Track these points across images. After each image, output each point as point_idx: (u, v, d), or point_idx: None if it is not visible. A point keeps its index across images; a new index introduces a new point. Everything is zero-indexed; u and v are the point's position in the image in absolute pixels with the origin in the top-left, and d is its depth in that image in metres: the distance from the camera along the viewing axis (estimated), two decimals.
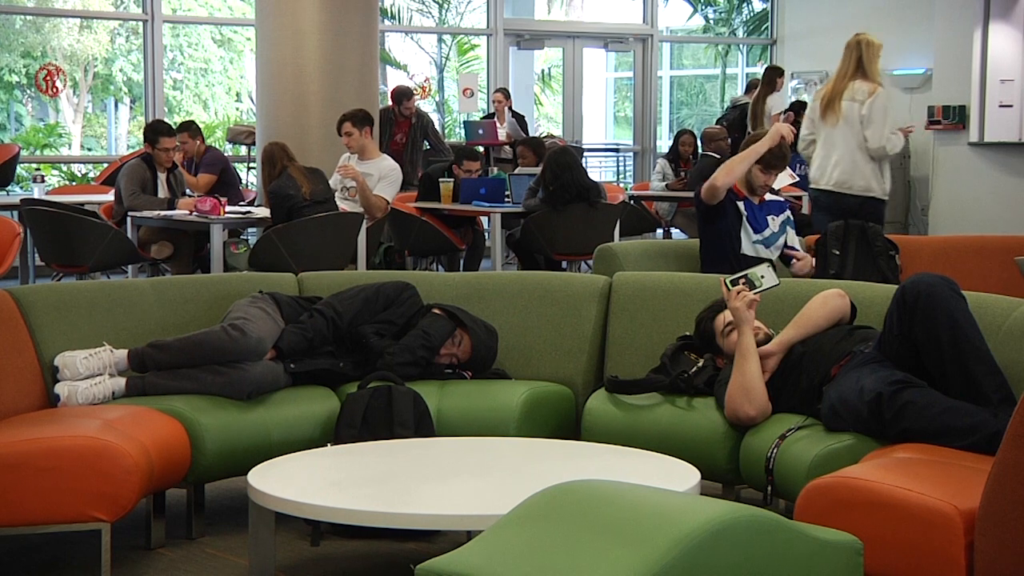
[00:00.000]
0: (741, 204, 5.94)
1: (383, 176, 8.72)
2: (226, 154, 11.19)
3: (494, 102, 13.07)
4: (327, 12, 9.85)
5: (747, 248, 5.89)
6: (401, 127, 11.86)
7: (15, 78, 16.30)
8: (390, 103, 11.86)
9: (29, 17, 16.12)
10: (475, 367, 4.94)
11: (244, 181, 11.62)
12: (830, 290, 4.42)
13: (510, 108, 12.94)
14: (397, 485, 3.85)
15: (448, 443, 4.32)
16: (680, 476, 3.78)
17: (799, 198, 11.09)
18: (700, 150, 11.64)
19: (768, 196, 6.06)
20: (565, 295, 5.14)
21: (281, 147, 8.12)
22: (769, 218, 5.99)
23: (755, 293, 4.34)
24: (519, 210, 9.30)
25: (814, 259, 6.13)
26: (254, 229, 8.73)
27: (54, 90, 13.21)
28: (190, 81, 17.69)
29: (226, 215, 8.18)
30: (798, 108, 13.57)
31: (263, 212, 8.54)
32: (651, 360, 4.67)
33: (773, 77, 12.56)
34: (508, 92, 13.15)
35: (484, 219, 10.04)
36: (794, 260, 6.00)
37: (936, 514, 3.08)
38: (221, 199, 8.31)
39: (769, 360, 4.26)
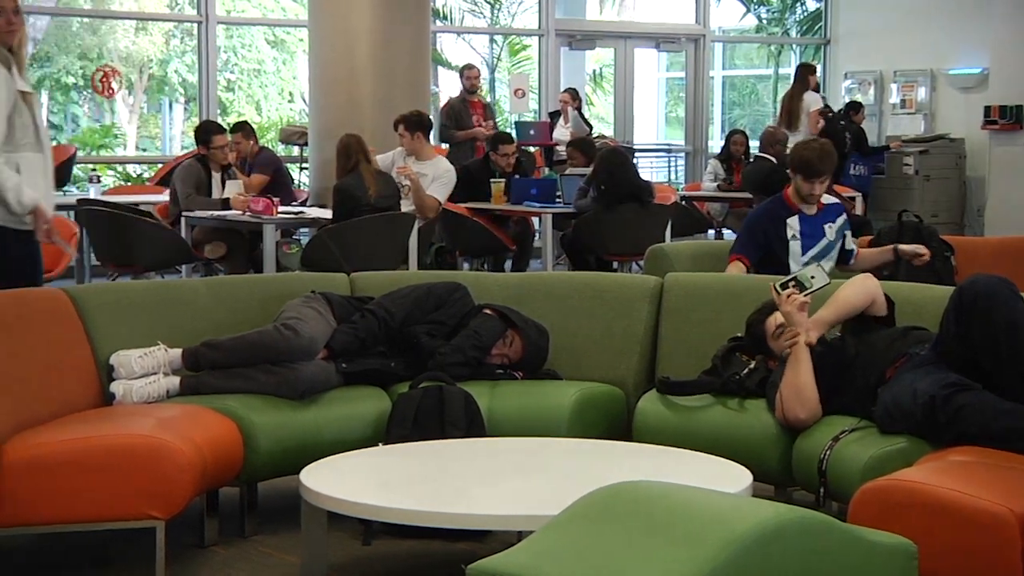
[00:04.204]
0: (794, 219, 5.74)
1: (437, 177, 8.76)
2: (279, 155, 11.27)
3: (560, 102, 13.10)
4: (380, 13, 9.88)
5: (796, 270, 5.51)
6: (476, 109, 11.84)
7: (72, 80, 16.48)
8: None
9: (86, 19, 16.29)
10: (526, 367, 4.94)
11: (296, 182, 11.68)
12: (860, 275, 4.47)
13: (577, 108, 12.95)
14: (448, 485, 3.85)
15: (499, 443, 4.32)
16: (732, 478, 3.76)
17: (852, 199, 11.02)
18: (756, 151, 11.57)
19: (825, 200, 5.84)
20: (616, 296, 5.13)
21: (357, 140, 8.18)
22: (826, 226, 5.81)
23: (805, 295, 4.31)
24: (570, 211, 9.29)
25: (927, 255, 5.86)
26: (306, 229, 8.78)
27: (110, 91, 13.34)
28: (243, 82, 17.81)
29: (279, 215, 8.23)
30: (856, 108, 13.51)
31: (316, 212, 8.60)
32: (702, 361, 4.65)
33: (806, 75, 12.54)
34: (576, 92, 13.17)
35: (535, 219, 10.04)
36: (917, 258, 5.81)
37: (992, 517, 3.05)
38: (274, 199, 8.36)
39: (810, 336, 4.24)
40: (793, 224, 5.75)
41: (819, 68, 14.65)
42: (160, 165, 12.28)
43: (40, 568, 4.24)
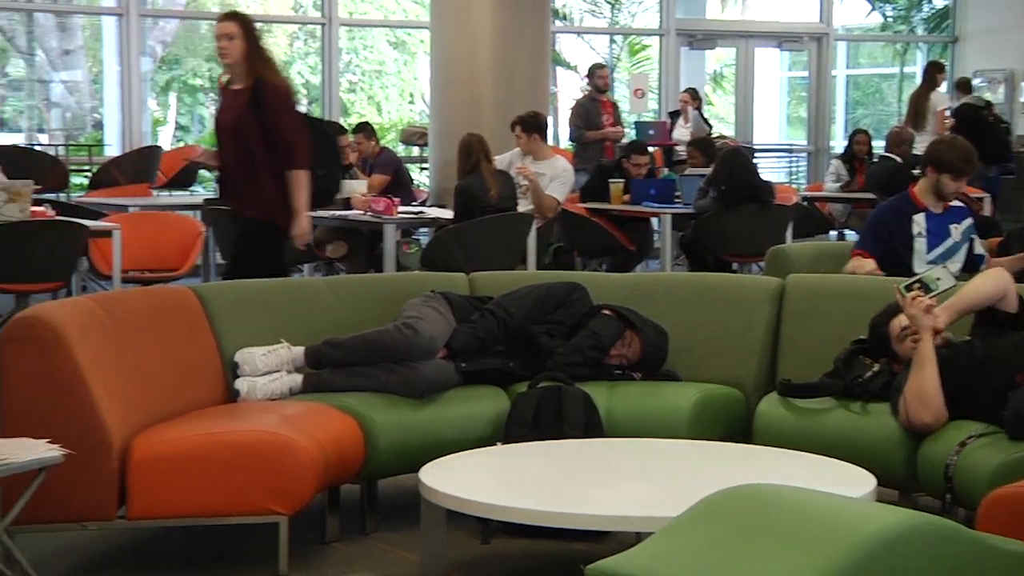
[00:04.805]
0: (920, 216, 5.64)
1: (555, 176, 8.77)
2: (399, 155, 11.37)
3: (680, 101, 13.05)
4: (500, 14, 9.92)
5: (920, 268, 5.45)
6: (606, 108, 11.80)
7: (199, 81, 16.80)
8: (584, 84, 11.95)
9: (213, 22, 16.59)
10: (645, 368, 4.92)
11: (416, 182, 11.77)
12: (993, 268, 4.41)
13: (697, 108, 12.89)
14: (567, 485, 3.85)
15: (618, 444, 4.31)
16: (855, 482, 3.71)
17: (981, 199, 10.78)
18: (880, 151, 11.37)
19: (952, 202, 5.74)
20: (737, 297, 5.08)
21: (479, 139, 8.23)
22: (952, 227, 5.70)
23: (931, 297, 4.22)
24: (690, 211, 9.23)
25: None
26: (426, 229, 8.85)
27: None
28: (365, 83, 17.99)
29: (399, 215, 8.31)
30: (985, 106, 13.21)
31: (435, 212, 8.66)
32: (824, 364, 4.58)
33: (934, 73, 12.31)
34: (696, 92, 13.10)
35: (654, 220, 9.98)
36: None
37: None
38: (394, 199, 8.44)
39: (939, 321, 4.18)
40: (919, 221, 5.66)
41: (946, 67, 14.35)
42: None
43: (166, 561, 4.33)
